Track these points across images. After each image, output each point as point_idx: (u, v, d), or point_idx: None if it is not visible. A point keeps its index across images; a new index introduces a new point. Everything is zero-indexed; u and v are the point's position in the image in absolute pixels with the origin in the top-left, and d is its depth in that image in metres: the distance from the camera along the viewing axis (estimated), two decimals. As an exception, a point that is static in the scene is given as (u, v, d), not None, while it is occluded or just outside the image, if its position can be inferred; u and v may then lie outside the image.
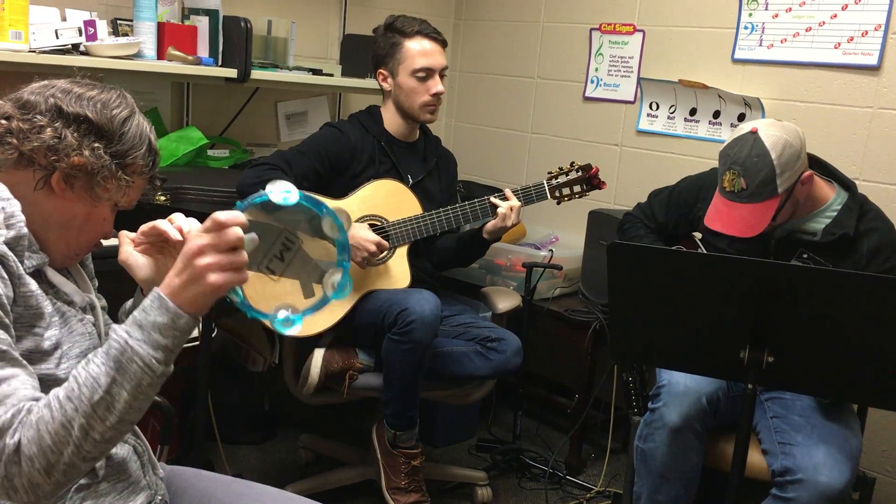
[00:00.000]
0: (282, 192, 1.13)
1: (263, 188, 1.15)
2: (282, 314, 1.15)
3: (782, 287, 1.58)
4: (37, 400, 1.11)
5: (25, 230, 1.19)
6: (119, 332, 1.11)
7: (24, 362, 1.14)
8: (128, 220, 1.37)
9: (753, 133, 2.05)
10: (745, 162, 2.04)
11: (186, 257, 1.10)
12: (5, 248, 1.14)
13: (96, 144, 1.23)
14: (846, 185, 2.20)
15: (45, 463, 1.07)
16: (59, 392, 1.10)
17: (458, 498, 2.83)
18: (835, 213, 2.15)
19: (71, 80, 1.30)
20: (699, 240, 2.43)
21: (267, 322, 1.16)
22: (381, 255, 2.49)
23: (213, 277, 1.09)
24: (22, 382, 1.11)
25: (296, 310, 1.16)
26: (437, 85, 2.56)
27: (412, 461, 2.50)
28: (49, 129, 1.21)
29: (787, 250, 2.18)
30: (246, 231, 1.11)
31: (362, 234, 2.43)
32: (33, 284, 1.19)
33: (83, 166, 1.22)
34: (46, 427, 1.07)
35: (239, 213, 1.12)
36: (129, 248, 1.35)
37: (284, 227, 1.18)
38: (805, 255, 2.15)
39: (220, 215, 1.11)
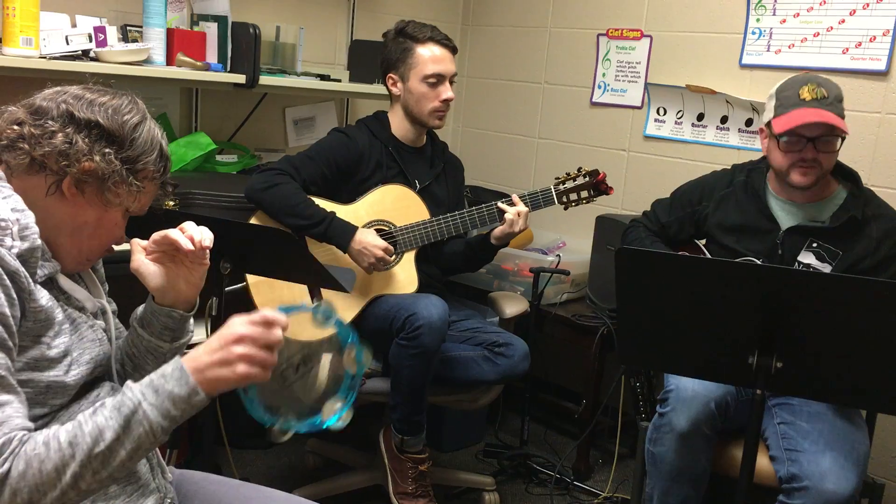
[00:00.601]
0: (324, 312, 1.19)
1: (272, 190, 1.19)
2: (279, 424, 1.20)
3: (791, 292, 1.57)
4: (27, 429, 1.11)
5: (39, 242, 1.19)
6: (134, 391, 1.13)
7: (19, 389, 1.13)
8: (139, 225, 1.38)
9: (805, 73, 2.20)
10: (819, 79, 2.14)
11: (224, 340, 1.13)
12: (17, 264, 1.14)
13: (107, 150, 1.24)
14: (850, 174, 2.25)
15: (27, 499, 1.07)
16: (59, 434, 1.10)
17: (465, 503, 2.82)
18: (842, 201, 2.21)
19: (83, 86, 1.30)
20: (704, 245, 2.44)
21: (264, 424, 1.20)
22: (390, 261, 2.49)
23: (243, 368, 1.12)
24: (15, 410, 1.11)
25: (292, 421, 1.20)
26: (447, 91, 2.57)
27: (419, 466, 2.50)
28: (60, 135, 1.22)
29: (797, 241, 2.21)
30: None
31: (369, 240, 2.44)
32: (44, 297, 1.19)
33: (94, 171, 1.23)
34: (40, 466, 1.07)
35: (285, 317, 1.16)
36: (141, 257, 1.36)
37: (308, 344, 1.24)
38: (815, 244, 2.18)
39: (271, 314, 1.14)
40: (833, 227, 2.17)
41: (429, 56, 2.56)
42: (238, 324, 1.14)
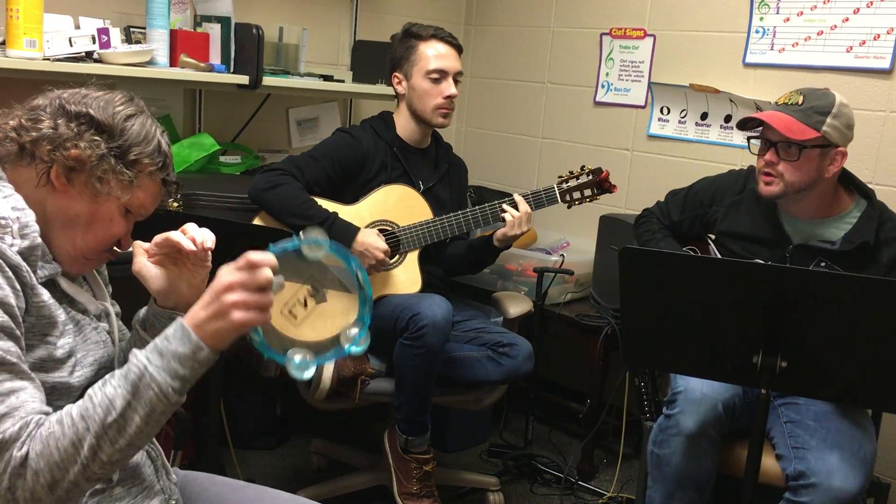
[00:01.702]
0: (313, 241, 1.17)
1: (275, 190, 1.19)
2: (298, 358, 1.18)
3: (796, 292, 1.57)
4: (45, 413, 1.11)
5: (39, 240, 1.19)
6: (139, 357, 1.13)
7: (33, 375, 1.14)
8: (141, 227, 1.37)
9: (826, 88, 2.15)
10: (810, 90, 2.12)
11: (215, 292, 1.13)
12: (19, 259, 1.14)
13: (96, 138, 1.23)
14: (865, 193, 2.19)
15: (49, 479, 1.07)
16: (72, 409, 1.10)
17: (469, 503, 2.82)
18: (854, 221, 2.14)
19: (85, 87, 1.31)
20: (713, 240, 2.42)
21: (282, 364, 1.18)
22: (391, 262, 2.49)
23: (238, 315, 1.12)
24: (30, 395, 1.11)
25: (311, 356, 1.19)
26: (450, 88, 2.57)
27: (424, 466, 2.50)
28: (47, 121, 1.22)
29: (805, 259, 2.16)
30: (275, 273, 1.15)
31: (371, 241, 2.44)
32: (46, 294, 1.19)
33: (80, 158, 1.22)
34: (56, 443, 1.07)
35: (271, 256, 1.15)
36: (143, 259, 1.35)
37: (311, 275, 1.22)
38: (823, 264, 2.13)
39: (254, 255, 1.13)
40: (843, 251, 2.12)
41: (432, 53, 2.57)
42: (225, 273, 1.14)
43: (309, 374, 1.18)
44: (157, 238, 1.33)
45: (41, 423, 1.09)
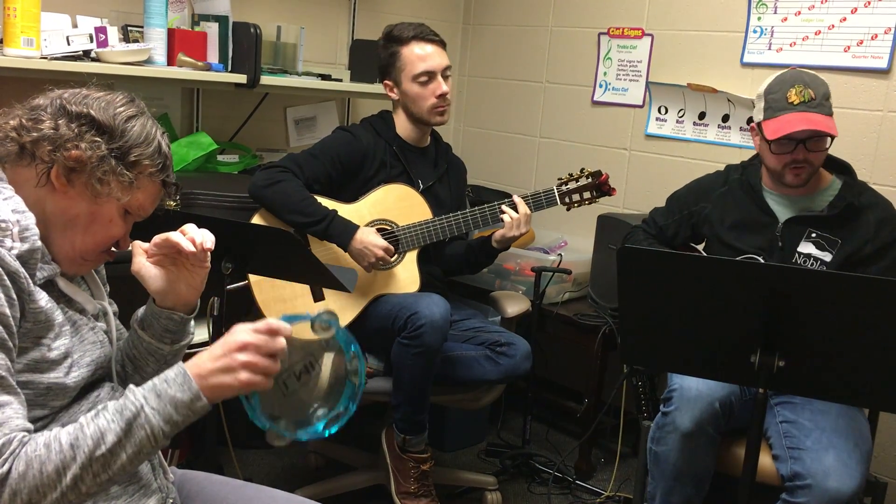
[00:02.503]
0: (324, 321, 1.20)
1: (275, 187, 1.20)
2: (279, 428, 1.21)
3: (793, 291, 1.57)
4: (27, 431, 1.11)
5: (39, 243, 1.19)
6: (137, 395, 1.13)
7: (19, 390, 1.14)
8: (140, 227, 1.37)
9: (792, 68, 2.20)
10: (805, 78, 2.15)
11: (228, 348, 1.14)
12: (17, 265, 1.14)
13: (96, 139, 1.23)
14: (842, 166, 2.29)
15: (26, 501, 1.07)
16: (61, 435, 1.10)
17: (467, 502, 2.82)
18: (837, 191, 2.23)
19: (85, 86, 1.31)
20: (701, 248, 2.45)
21: (263, 429, 1.21)
22: (390, 261, 2.49)
23: (245, 375, 1.13)
24: (14, 411, 1.11)
25: (292, 429, 1.22)
26: (440, 86, 2.56)
27: (422, 465, 2.50)
28: (48, 122, 1.22)
29: (796, 232, 2.22)
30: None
31: (371, 240, 2.44)
32: (44, 298, 1.19)
33: (81, 159, 1.22)
34: (41, 467, 1.07)
35: (288, 326, 1.17)
36: (142, 260, 1.35)
37: (311, 352, 1.24)
38: (814, 234, 2.20)
39: (274, 323, 1.15)
40: (831, 215, 2.19)
41: (416, 55, 2.55)
42: (242, 331, 1.15)
43: (283, 443, 1.21)
44: (157, 238, 1.33)
45: (25, 441, 1.09)
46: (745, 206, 2.31)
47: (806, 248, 2.21)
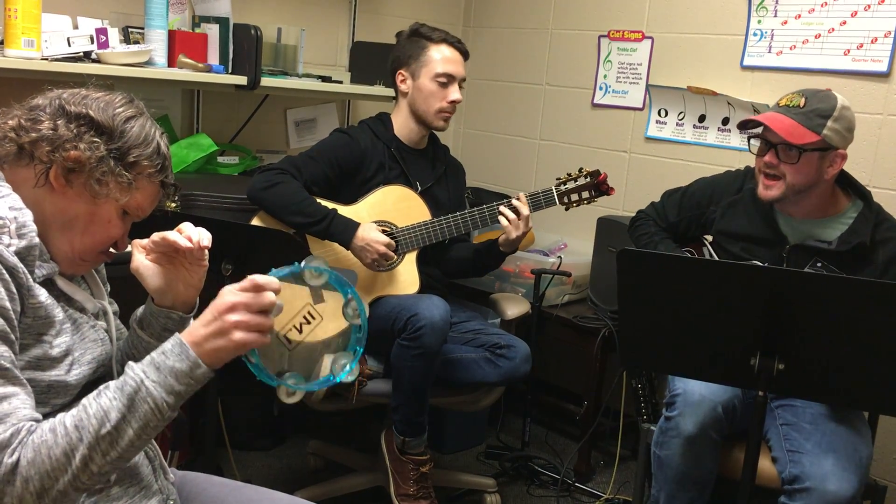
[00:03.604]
0: (315, 268, 1.19)
1: (274, 189, 1.20)
2: (289, 383, 1.20)
3: (793, 294, 1.57)
4: (35, 420, 1.11)
5: (37, 240, 1.19)
6: (136, 370, 1.13)
7: (24, 380, 1.14)
8: (140, 227, 1.37)
9: (828, 89, 2.14)
10: (813, 92, 2.11)
11: (217, 310, 1.14)
12: (16, 260, 1.14)
13: (95, 140, 1.23)
14: (862, 193, 2.19)
15: (39, 486, 1.07)
16: (65, 419, 1.10)
17: (466, 505, 2.83)
18: (850, 221, 2.15)
19: (85, 87, 1.31)
20: (710, 243, 2.42)
21: (273, 387, 1.21)
22: (390, 261, 2.49)
23: (239, 335, 1.13)
24: (21, 402, 1.11)
25: (302, 381, 1.21)
26: (455, 92, 2.58)
27: (421, 468, 2.50)
28: (47, 122, 1.22)
29: (802, 258, 2.17)
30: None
31: (372, 236, 2.44)
32: (43, 294, 1.19)
33: (79, 160, 1.21)
34: (49, 452, 1.08)
35: (275, 280, 1.16)
36: (141, 257, 1.35)
37: (308, 301, 1.24)
38: (819, 264, 2.14)
39: (259, 278, 1.15)
40: (839, 250, 2.13)
41: (441, 56, 2.58)
42: (229, 292, 1.14)
43: (296, 399, 1.20)
44: (154, 236, 1.33)
45: (32, 430, 1.09)
46: (755, 220, 2.26)
47: None
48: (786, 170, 2.10)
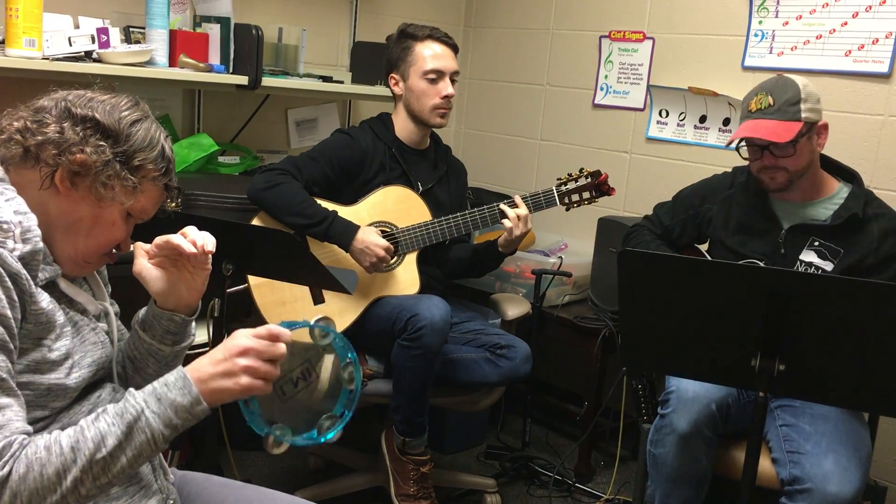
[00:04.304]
0: (323, 327, 1.21)
1: (274, 189, 1.21)
2: (277, 434, 1.22)
3: (794, 294, 1.57)
4: (27, 433, 1.11)
5: (41, 245, 1.19)
6: (137, 398, 1.13)
7: (19, 392, 1.14)
8: (142, 227, 1.37)
9: (778, 74, 2.19)
10: (773, 85, 2.17)
11: (229, 352, 1.15)
12: (19, 266, 1.14)
13: (101, 143, 1.23)
14: (849, 175, 2.27)
15: (26, 502, 1.07)
16: (62, 439, 1.10)
17: (466, 505, 2.83)
18: (842, 200, 2.22)
19: (90, 89, 1.30)
20: (705, 250, 2.44)
21: (260, 435, 1.22)
22: (390, 262, 2.49)
23: (246, 380, 1.14)
24: (15, 413, 1.11)
25: (289, 435, 1.22)
26: (447, 88, 2.58)
27: (421, 468, 2.50)
28: (53, 125, 1.22)
29: (799, 240, 2.22)
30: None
31: (372, 239, 2.44)
32: (45, 300, 1.19)
33: (86, 163, 1.22)
34: (41, 469, 1.08)
35: (288, 332, 1.17)
36: (144, 261, 1.36)
37: (308, 359, 1.25)
38: (817, 243, 2.19)
39: (275, 329, 1.16)
40: (834, 225, 2.18)
41: (428, 53, 2.57)
42: (243, 336, 1.15)
43: (281, 450, 1.23)
44: (158, 240, 1.33)
45: (25, 443, 1.09)
46: (750, 210, 2.31)
47: (808, 256, 2.20)
48: (786, 162, 2.16)
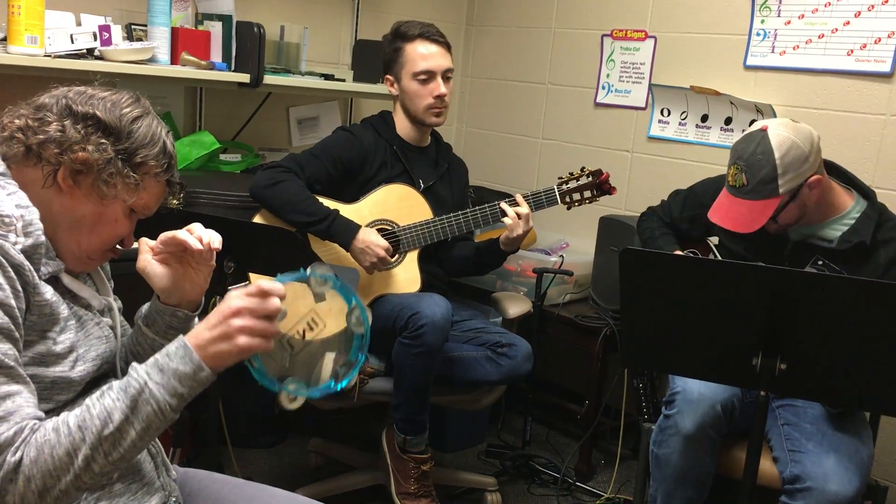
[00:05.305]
0: (320, 275, 1.19)
1: (276, 187, 1.20)
2: (291, 388, 1.20)
3: (796, 294, 1.57)
4: (38, 419, 1.12)
5: (43, 238, 1.19)
6: (139, 371, 1.13)
7: (28, 378, 1.14)
8: (144, 224, 1.37)
9: (763, 131, 2.04)
10: (749, 158, 2.03)
11: (223, 315, 1.14)
12: (22, 258, 1.14)
13: (103, 141, 1.23)
14: (865, 193, 2.17)
15: (41, 486, 1.08)
16: (69, 419, 1.11)
17: (467, 503, 2.82)
18: (852, 221, 2.13)
19: (89, 86, 1.30)
20: (714, 245, 2.43)
21: (274, 392, 1.21)
22: (390, 261, 2.50)
23: (243, 340, 1.13)
24: (25, 400, 1.12)
25: (303, 388, 1.21)
26: (439, 87, 2.56)
27: (422, 466, 2.50)
28: (55, 124, 1.22)
29: (803, 256, 2.17)
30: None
31: (372, 239, 2.44)
32: (48, 292, 1.19)
33: (88, 161, 1.22)
34: (52, 451, 1.08)
35: (280, 285, 1.16)
36: (148, 257, 1.36)
37: (312, 308, 1.24)
38: (820, 262, 2.14)
39: (265, 284, 1.14)
40: (839, 249, 2.11)
41: (418, 53, 2.56)
42: (235, 297, 1.15)
43: (297, 405, 1.20)
44: (163, 236, 1.34)
45: (36, 428, 1.10)
46: None
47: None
48: (781, 219, 2.08)
